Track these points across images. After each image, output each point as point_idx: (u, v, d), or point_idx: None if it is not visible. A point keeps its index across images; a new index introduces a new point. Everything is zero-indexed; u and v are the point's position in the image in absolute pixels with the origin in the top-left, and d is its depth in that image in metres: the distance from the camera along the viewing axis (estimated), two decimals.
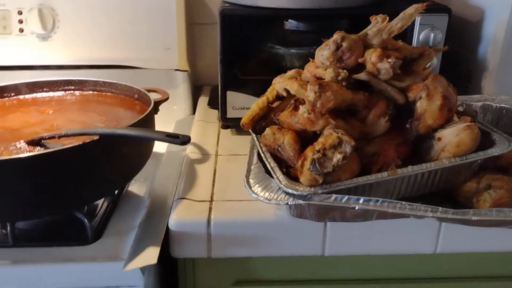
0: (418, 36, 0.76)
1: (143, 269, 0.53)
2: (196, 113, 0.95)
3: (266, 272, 0.63)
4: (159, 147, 0.80)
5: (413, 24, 0.76)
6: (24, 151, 0.56)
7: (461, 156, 0.56)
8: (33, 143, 0.57)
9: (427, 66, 0.61)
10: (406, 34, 0.76)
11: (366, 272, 0.64)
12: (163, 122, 0.73)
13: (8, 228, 0.57)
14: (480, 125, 0.63)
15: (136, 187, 0.71)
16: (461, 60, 0.86)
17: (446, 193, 0.60)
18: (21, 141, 0.59)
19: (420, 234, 0.60)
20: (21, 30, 0.92)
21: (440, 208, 0.52)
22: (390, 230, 0.60)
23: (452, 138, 0.55)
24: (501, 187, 0.56)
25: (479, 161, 0.59)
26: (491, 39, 0.77)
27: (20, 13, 0.91)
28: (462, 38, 0.86)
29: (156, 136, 0.54)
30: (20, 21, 0.92)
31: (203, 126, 0.88)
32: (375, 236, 0.60)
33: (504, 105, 0.74)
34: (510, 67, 0.77)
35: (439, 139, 0.57)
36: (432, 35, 0.75)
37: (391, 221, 0.58)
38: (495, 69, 0.78)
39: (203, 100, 1.01)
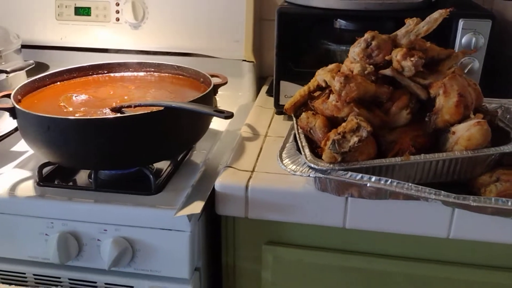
0: (461, 40, 0.81)
1: (189, 217, 0.66)
2: (256, 99, 1.07)
3: (293, 237, 0.74)
4: (219, 125, 0.93)
5: (456, 28, 0.81)
6: (108, 115, 0.72)
7: (473, 150, 0.62)
8: (115, 110, 0.73)
9: (453, 66, 0.67)
10: (449, 38, 0.82)
11: (381, 248, 0.72)
12: (228, 106, 0.86)
13: (93, 176, 0.73)
14: (501, 124, 0.69)
15: (196, 156, 0.84)
16: (507, 64, 0.89)
17: (464, 184, 0.66)
18: (107, 108, 0.74)
19: (434, 218, 0.67)
20: (117, 19, 1.10)
21: (443, 192, 0.59)
22: (406, 212, 0.67)
23: (464, 133, 0.62)
24: (507, 181, 0.61)
25: (493, 156, 0.64)
26: None
27: (117, 4, 1.09)
28: (509, 42, 0.89)
29: (206, 110, 0.67)
30: (117, 12, 1.09)
31: (260, 111, 0.99)
32: (392, 215, 0.68)
33: None
34: None
35: (454, 132, 0.63)
36: (474, 39, 0.80)
37: (406, 203, 0.65)
38: None
39: (264, 89, 1.12)
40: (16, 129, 0.90)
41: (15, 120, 0.72)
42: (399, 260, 0.72)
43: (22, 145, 0.87)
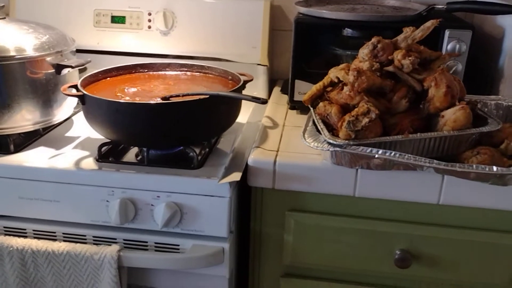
0: (447, 46, 0.98)
1: (230, 184, 0.81)
2: (270, 97, 1.23)
3: (312, 204, 0.89)
4: (241, 118, 1.08)
5: (443, 36, 0.98)
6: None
7: (458, 130, 0.79)
8: (165, 98, 0.88)
9: (441, 65, 0.84)
10: (437, 44, 0.99)
11: (385, 213, 0.87)
12: (245, 104, 0.99)
13: (145, 153, 0.87)
14: (480, 112, 0.86)
15: (223, 143, 0.98)
16: (486, 68, 1.07)
17: (451, 159, 0.82)
18: (157, 98, 0.89)
19: (428, 187, 0.83)
20: (149, 27, 1.25)
21: (435, 161, 0.76)
22: (405, 181, 0.82)
23: (451, 116, 0.78)
24: (485, 154, 0.78)
25: (474, 136, 0.81)
26: (508, 52, 0.98)
27: (149, 14, 1.25)
28: (488, 50, 1.07)
29: (245, 97, 0.83)
30: (149, 20, 1.25)
31: (276, 107, 1.15)
32: (393, 185, 0.83)
33: None
34: None
35: (443, 116, 0.80)
36: (457, 46, 0.97)
37: (405, 174, 0.81)
38: (509, 76, 0.98)
39: (276, 89, 1.28)
40: (66, 119, 1.05)
41: (71, 109, 0.86)
42: (399, 222, 0.87)
43: (74, 131, 1.02)
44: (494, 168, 0.74)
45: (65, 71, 0.94)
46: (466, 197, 0.82)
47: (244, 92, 0.96)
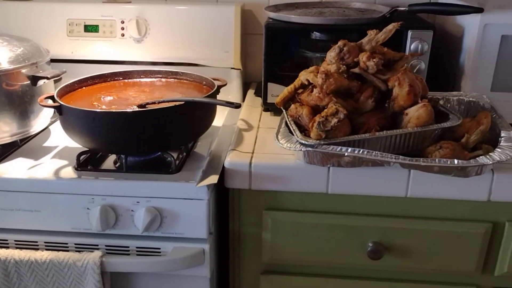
0: (410, 46, 1.03)
1: (208, 186, 0.84)
2: (245, 100, 1.26)
3: (287, 203, 0.92)
4: (217, 122, 1.11)
5: (406, 37, 1.03)
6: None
7: (421, 126, 0.84)
8: (141, 106, 0.90)
9: (404, 65, 0.88)
10: (401, 45, 1.04)
11: (356, 208, 0.92)
12: (221, 108, 1.01)
13: (123, 160, 0.89)
14: (442, 108, 0.91)
15: (200, 146, 1.01)
16: (448, 66, 1.12)
17: (417, 155, 0.87)
18: (134, 106, 0.91)
19: (396, 182, 0.87)
20: (123, 35, 1.27)
21: (401, 157, 0.80)
22: (374, 177, 0.87)
23: (414, 113, 0.83)
24: (447, 148, 0.82)
25: (436, 131, 0.86)
26: (467, 50, 1.03)
27: (122, 22, 1.26)
28: (450, 48, 1.12)
29: (219, 102, 0.86)
30: (122, 28, 1.26)
31: (250, 109, 1.18)
32: (363, 181, 0.88)
33: (473, 99, 1.00)
34: (479, 72, 1.02)
35: (407, 114, 0.84)
36: (420, 45, 1.02)
37: (374, 170, 0.85)
38: (469, 73, 1.03)
39: (250, 92, 1.32)
40: (43, 129, 1.06)
41: (48, 119, 0.88)
42: (370, 216, 0.91)
43: (52, 141, 1.03)
44: (456, 161, 0.79)
45: (40, 82, 0.95)
46: (431, 190, 0.87)
47: (218, 96, 0.99)
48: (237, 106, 0.84)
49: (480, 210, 0.89)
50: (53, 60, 1.19)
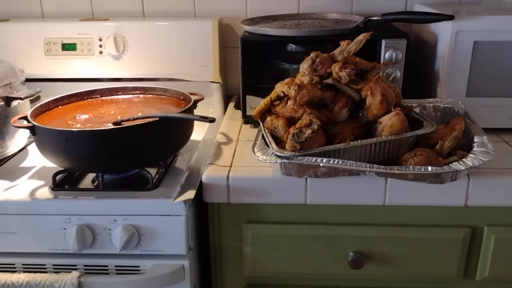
0: (384, 54, 1.04)
1: (185, 202, 0.84)
2: (225, 113, 1.26)
3: (267, 215, 0.92)
4: (197, 136, 1.11)
5: (380, 45, 1.04)
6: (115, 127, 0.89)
7: (395, 134, 0.84)
8: (116, 123, 0.90)
9: (377, 74, 0.89)
10: (375, 54, 1.05)
11: (336, 218, 0.91)
12: (200, 122, 1.01)
13: (100, 178, 0.89)
14: (416, 116, 0.91)
15: (180, 161, 1.01)
16: (424, 73, 1.13)
17: (393, 163, 0.87)
18: (109, 123, 0.91)
19: (373, 191, 0.87)
20: (101, 52, 1.27)
21: (375, 165, 0.80)
22: (351, 187, 0.87)
23: (387, 122, 0.83)
24: (421, 155, 0.83)
25: (411, 138, 0.86)
26: (441, 56, 1.04)
27: (100, 39, 1.26)
28: (425, 56, 1.14)
29: (194, 117, 0.86)
30: (100, 46, 1.27)
31: (230, 122, 1.18)
32: (341, 191, 0.88)
33: (448, 105, 1.01)
34: (453, 78, 1.03)
35: (380, 123, 0.85)
36: (394, 54, 1.03)
37: (351, 179, 0.85)
38: (444, 79, 1.04)
39: (231, 105, 1.32)
40: (21, 150, 1.05)
41: (25, 139, 0.88)
42: (349, 226, 0.91)
43: (29, 162, 1.02)
44: (429, 168, 0.79)
45: (15, 103, 0.95)
46: (408, 197, 0.87)
47: (198, 110, 0.99)
48: (212, 120, 0.84)
49: (458, 215, 0.90)
50: (31, 80, 1.20)
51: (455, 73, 1.03)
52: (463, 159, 0.81)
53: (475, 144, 0.85)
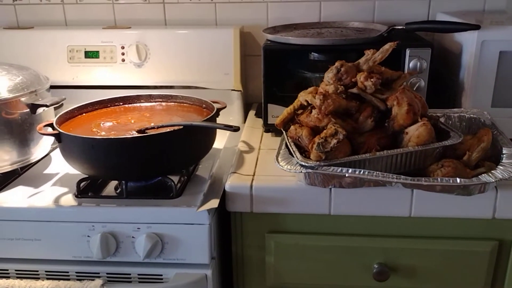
0: (409, 64, 1.03)
1: (209, 211, 0.83)
2: (246, 121, 1.26)
3: (290, 225, 0.91)
4: (218, 144, 1.11)
5: (404, 55, 1.03)
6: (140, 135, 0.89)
7: (422, 145, 0.83)
8: (140, 131, 0.90)
9: (403, 84, 0.88)
10: (400, 63, 1.04)
11: (360, 229, 0.90)
12: (221, 130, 1.01)
13: (123, 186, 0.89)
14: (443, 126, 0.90)
15: (202, 169, 1.01)
16: (449, 82, 1.12)
17: (419, 174, 0.86)
18: (133, 131, 0.91)
19: (399, 201, 0.86)
20: (123, 60, 1.28)
21: (402, 176, 0.79)
22: (377, 197, 0.86)
23: (414, 132, 0.82)
24: (449, 166, 0.81)
25: (438, 149, 0.85)
26: (466, 66, 1.03)
27: (122, 47, 1.27)
28: (449, 65, 1.12)
29: (218, 126, 0.85)
30: (122, 53, 1.27)
31: (251, 130, 1.18)
32: (366, 201, 0.87)
33: (473, 116, 0.99)
34: (478, 88, 1.02)
35: (407, 133, 0.84)
36: (418, 63, 1.02)
37: (376, 190, 0.84)
38: (469, 89, 1.03)
39: (251, 113, 1.32)
40: (44, 156, 1.06)
41: (49, 146, 0.88)
42: (374, 237, 0.90)
43: (52, 168, 1.03)
44: (458, 179, 0.78)
45: (40, 110, 0.96)
46: (435, 209, 0.86)
47: (219, 118, 0.99)
48: (236, 129, 0.84)
49: (486, 228, 0.88)
50: (54, 87, 1.21)
51: (480, 83, 1.02)
52: (492, 171, 0.80)
53: (504, 155, 0.83)
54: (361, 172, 0.80)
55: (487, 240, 0.89)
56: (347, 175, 0.80)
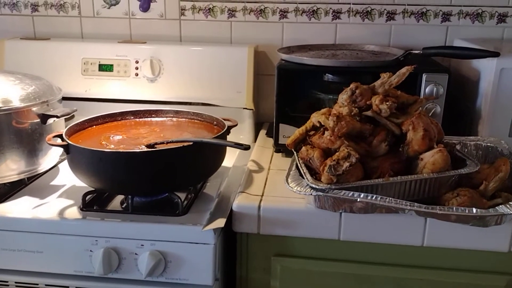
0: (425, 89, 1.01)
1: (215, 230, 0.81)
2: (256, 141, 1.25)
3: (297, 249, 0.89)
4: (227, 162, 1.09)
5: (421, 80, 1.01)
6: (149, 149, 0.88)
7: (437, 172, 0.80)
8: (149, 146, 0.89)
9: (419, 109, 0.86)
10: (416, 88, 1.02)
11: (370, 256, 0.87)
12: (231, 148, 0.99)
13: (129, 201, 0.87)
14: (459, 154, 0.88)
15: (209, 187, 0.99)
16: (465, 109, 1.10)
17: (433, 202, 0.83)
18: (142, 146, 0.90)
19: (411, 230, 0.83)
20: (136, 74, 1.28)
21: (416, 204, 0.77)
22: (388, 224, 0.83)
23: (429, 158, 0.80)
24: (465, 195, 0.79)
25: (453, 178, 0.82)
26: (484, 94, 1.01)
27: (136, 62, 1.28)
28: (466, 92, 1.10)
29: (228, 143, 0.84)
30: (136, 68, 1.28)
31: (261, 150, 1.16)
32: (377, 228, 0.84)
33: (490, 144, 0.97)
34: (496, 117, 0.99)
35: (422, 159, 0.81)
36: (435, 89, 1.00)
37: (389, 217, 0.82)
38: (486, 117, 1.00)
39: (262, 132, 1.30)
40: (52, 167, 1.05)
41: (57, 157, 0.87)
42: (384, 266, 0.87)
43: (59, 180, 1.02)
44: (474, 210, 0.75)
45: (50, 120, 0.95)
46: (449, 239, 0.83)
47: (230, 136, 0.97)
48: (246, 148, 0.82)
49: (501, 261, 0.84)
50: (67, 98, 1.20)
51: (498, 111, 1.00)
52: (510, 203, 0.77)
53: None
54: (373, 198, 0.78)
55: (502, 275, 0.85)
56: (358, 199, 0.78)
